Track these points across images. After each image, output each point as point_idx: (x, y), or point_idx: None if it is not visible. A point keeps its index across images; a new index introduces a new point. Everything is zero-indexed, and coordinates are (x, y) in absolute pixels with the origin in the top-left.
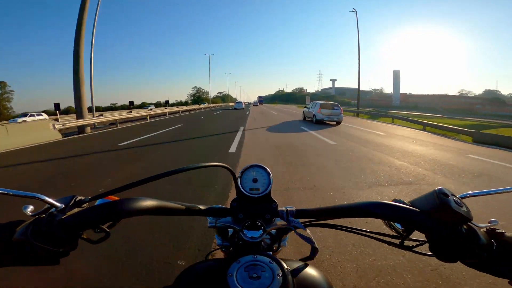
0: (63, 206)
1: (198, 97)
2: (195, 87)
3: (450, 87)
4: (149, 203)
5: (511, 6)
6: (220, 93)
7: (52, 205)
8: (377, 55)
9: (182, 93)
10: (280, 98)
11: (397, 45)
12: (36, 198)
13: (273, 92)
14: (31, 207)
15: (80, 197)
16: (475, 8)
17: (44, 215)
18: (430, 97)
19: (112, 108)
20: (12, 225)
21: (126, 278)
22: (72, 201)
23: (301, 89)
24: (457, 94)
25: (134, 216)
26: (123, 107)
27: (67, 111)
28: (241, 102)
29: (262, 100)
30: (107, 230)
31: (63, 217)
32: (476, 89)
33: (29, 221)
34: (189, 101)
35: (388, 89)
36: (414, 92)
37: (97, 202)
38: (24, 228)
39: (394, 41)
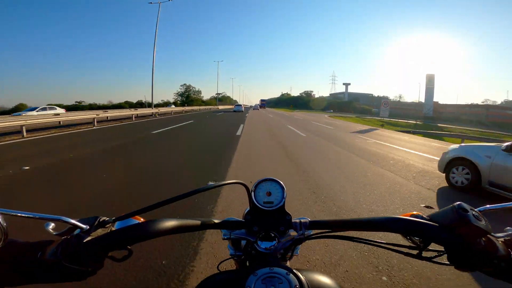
0: (87, 227)
1: (187, 97)
2: (184, 84)
3: (476, 97)
4: (169, 223)
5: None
6: (218, 94)
7: (76, 226)
8: (390, 61)
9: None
10: (286, 102)
11: (413, 52)
12: (60, 221)
13: (276, 96)
14: (52, 225)
15: (104, 218)
16: (482, 17)
17: (70, 236)
18: (470, 107)
19: None
20: (41, 245)
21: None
22: (96, 222)
23: (310, 92)
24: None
25: (156, 237)
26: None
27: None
28: (241, 105)
29: (264, 103)
30: (130, 248)
31: (89, 238)
32: (494, 99)
33: (57, 242)
34: (178, 102)
35: (408, 97)
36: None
37: (119, 223)
38: (54, 249)
39: (410, 48)
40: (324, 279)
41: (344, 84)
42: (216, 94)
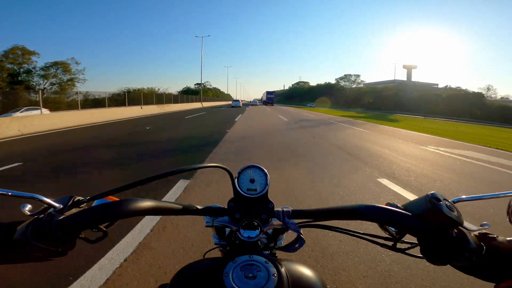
0: (61, 206)
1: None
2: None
3: None
4: (146, 204)
5: None
6: (198, 84)
7: (50, 205)
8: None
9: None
10: (307, 94)
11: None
12: (34, 199)
13: (279, 88)
14: (29, 206)
15: (78, 197)
16: None
17: (43, 215)
18: None
19: None
20: (13, 225)
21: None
22: (70, 201)
23: (355, 77)
24: None
25: (132, 217)
26: None
27: None
28: (239, 101)
29: (272, 98)
30: (105, 229)
31: (61, 217)
32: None
33: (28, 221)
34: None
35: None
36: None
37: (95, 202)
38: (24, 227)
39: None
40: (303, 269)
41: (405, 67)
42: (196, 84)
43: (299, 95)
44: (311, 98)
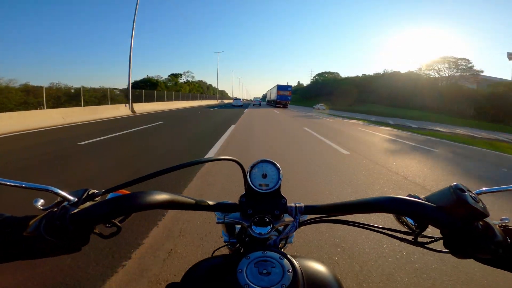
0: (75, 199)
1: None
2: None
3: None
4: (160, 197)
5: None
6: (175, 75)
7: (64, 198)
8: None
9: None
10: (346, 90)
11: None
12: (48, 191)
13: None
14: (41, 201)
15: (93, 190)
16: None
17: (56, 209)
18: None
19: None
20: (26, 220)
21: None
22: (85, 194)
23: (466, 63)
24: None
25: (146, 210)
26: None
27: None
28: (240, 99)
29: (288, 96)
30: (119, 224)
31: (75, 211)
32: None
33: (42, 215)
34: None
35: None
36: None
37: (109, 196)
38: (37, 222)
39: None
40: (317, 265)
41: (511, 57)
42: (170, 75)
43: (330, 92)
44: (363, 98)
